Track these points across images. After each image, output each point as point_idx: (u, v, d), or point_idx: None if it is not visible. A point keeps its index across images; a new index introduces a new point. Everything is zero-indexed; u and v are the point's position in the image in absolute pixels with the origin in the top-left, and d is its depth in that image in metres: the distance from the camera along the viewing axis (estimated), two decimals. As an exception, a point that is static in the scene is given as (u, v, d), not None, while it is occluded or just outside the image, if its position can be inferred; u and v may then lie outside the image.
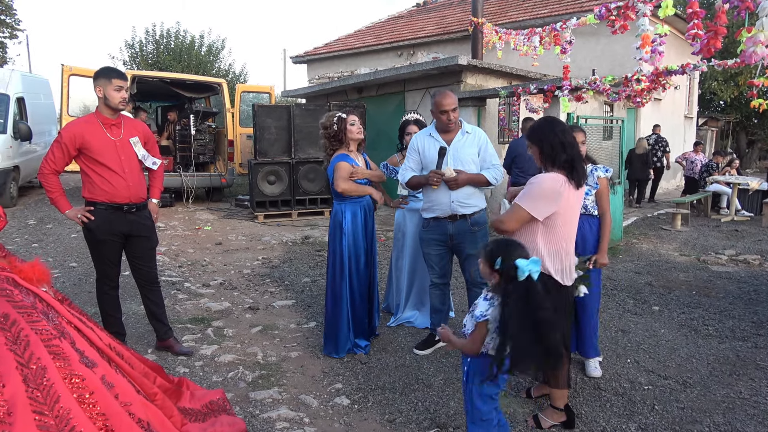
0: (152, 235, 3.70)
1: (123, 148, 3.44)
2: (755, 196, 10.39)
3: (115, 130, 3.44)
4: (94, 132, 3.35)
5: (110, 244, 3.49)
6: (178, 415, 2.43)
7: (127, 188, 3.44)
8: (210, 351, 3.81)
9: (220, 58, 21.45)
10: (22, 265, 2.23)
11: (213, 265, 6.26)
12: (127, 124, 3.54)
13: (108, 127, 3.41)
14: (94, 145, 3.33)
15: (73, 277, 5.56)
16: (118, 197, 3.42)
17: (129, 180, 3.44)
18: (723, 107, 22.75)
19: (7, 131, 9.49)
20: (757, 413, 3.03)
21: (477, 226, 3.59)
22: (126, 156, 3.44)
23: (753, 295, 5.28)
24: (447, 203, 3.58)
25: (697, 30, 4.41)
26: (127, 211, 3.48)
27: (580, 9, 12.34)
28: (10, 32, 22.75)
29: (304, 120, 9.22)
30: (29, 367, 1.83)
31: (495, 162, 3.69)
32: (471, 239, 3.59)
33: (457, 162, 3.57)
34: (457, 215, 3.59)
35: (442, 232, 3.67)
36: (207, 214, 9.63)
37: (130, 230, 3.52)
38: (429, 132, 3.68)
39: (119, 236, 3.51)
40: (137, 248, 3.62)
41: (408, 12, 19.81)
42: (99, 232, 3.43)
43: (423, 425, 2.90)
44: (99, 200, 3.40)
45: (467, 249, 3.63)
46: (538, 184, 2.60)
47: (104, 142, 3.37)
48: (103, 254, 3.52)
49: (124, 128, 3.49)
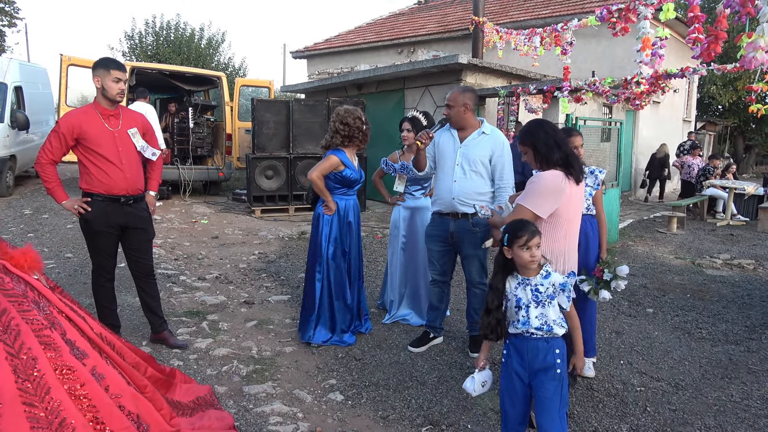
0: (149, 227, 3.68)
1: (121, 139, 3.41)
2: (751, 201, 10.43)
3: (113, 121, 3.42)
4: (92, 122, 3.34)
5: (107, 235, 3.47)
6: (168, 408, 2.41)
7: (125, 180, 3.42)
8: (204, 344, 3.81)
9: (219, 51, 21.39)
10: (14, 252, 2.16)
11: (209, 259, 6.26)
12: (126, 116, 3.52)
13: (106, 117, 3.39)
14: (91, 135, 3.31)
15: (68, 267, 5.55)
16: (116, 189, 3.40)
17: (126, 171, 3.42)
18: (721, 111, 22.81)
19: (4, 120, 9.45)
20: (748, 416, 3.05)
21: (478, 227, 3.58)
22: (124, 147, 3.42)
23: (747, 299, 5.30)
24: (448, 199, 3.59)
25: (698, 34, 4.42)
26: (124, 203, 3.46)
27: (582, 10, 12.34)
28: (8, 21, 22.62)
29: (303, 115, 9.20)
30: (19, 358, 1.80)
31: (508, 180, 3.53)
32: (471, 239, 3.58)
33: (464, 160, 3.56)
34: (459, 213, 3.60)
35: (443, 228, 3.68)
36: (204, 208, 9.61)
37: (126, 222, 3.51)
38: (448, 126, 3.69)
39: (116, 228, 3.49)
40: (134, 240, 3.60)
41: (409, 9, 19.79)
42: (96, 224, 3.41)
43: (416, 422, 2.90)
44: (96, 191, 3.38)
45: (466, 249, 3.64)
46: (539, 182, 2.61)
47: (102, 133, 3.35)
48: (100, 246, 3.50)
49: (123, 119, 3.47)
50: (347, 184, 3.86)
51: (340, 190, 3.87)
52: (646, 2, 5.48)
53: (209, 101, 12.19)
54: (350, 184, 3.86)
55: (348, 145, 3.86)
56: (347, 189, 3.89)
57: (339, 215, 3.84)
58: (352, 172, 3.84)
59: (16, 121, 9.58)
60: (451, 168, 3.60)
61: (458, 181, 3.57)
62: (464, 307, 3.96)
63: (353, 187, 3.92)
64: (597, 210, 3.54)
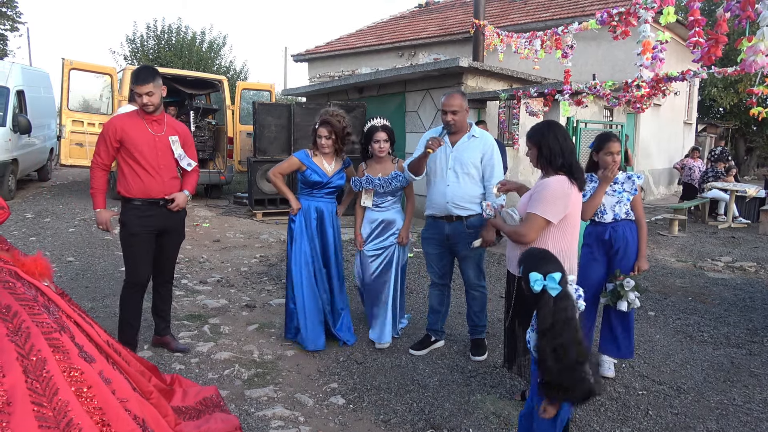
0: (182, 228, 3.74)
1: (161, 144, 3.47)
2: (752, 204, 10.42)
3: (156, 126, 3.48)
4: (136, 126, 3.41)
5: (144, 237, 3.47)
6: (173, 415, 2.45)
7: (162, 184, 3.47)
8: (206, 348, 3.81)
9: (221, 55, 21.41)
10: (25, 259, 2.26)
11: (210, 262, 6.26)
12: (170, 123, 3.59)
13: (150, 122, 3.46)
14: (134, 138, 3.37)
15: (70, 271, 5.56)
16: (153, 192, 3.44)
17: (164, 176, 3.47)
18: (722, 114, 22.79)
19: (6, 124, 9.47)
20: (750, 420, 3.05)
21: (472, 228, 3.61)
22: (162, 153, 3.47)
23: (748, 302, 5.30)
24: (442, 203, 3.64)
25: (698, 38, 4.42)
26: (162, 205, 3.50)
27: (582, 13, 12.35)
28: (11, 25, 22.72)
29: (304, 118, 9.21)
30: (29, 359, 1.84)
31: (498, 176, 3.61)
32: (466, 241, 3.60)
33: (456, 163, 3.60)
34: (453, 216, 3.62)
35: (438, 231, 3.72)
36: (205, 211, 9.62)
37: (164, 224, 3.53)
38: (439, 131, 3.70)
39: (153, 230, 3.51)
40: (167, 243, 3.64)
41: (410, 12, 19.81)
42: (133, 226, 3.44)
43: (418, 426, 2.90)
44: (134, 196, 3.43)
45: (462, 250, 3.67)
46: (547, 190, 2.64)
47: (144, 137, 3.41)
48: (137, 249, 3.48)
49: (167, 126, 3.53)
50: (309, 185, 3.87)
51: (305, 190, 3.92)
52: (647, 6, 5.49)
53: (210, 105, 12.22)
54: (312, 185, 3.86)
55: (312, 147, 3.90)
56: (311, 190, 3.89)
57: (303, 216, 3.86)
58: (314, 173, 3.82)
59: (18, 125, 9.60)
60: (444, 172, 3.64)
61: (451, 185, 3.62)
62: (465, 311, 3.96)
63: (318, 189, 3.87)
64: (637, 215, 3.51)
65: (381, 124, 3.95)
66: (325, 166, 3.86)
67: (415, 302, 5.00)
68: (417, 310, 4.72)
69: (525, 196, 2.93)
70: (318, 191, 3.88)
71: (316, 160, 3.86)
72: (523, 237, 2.69)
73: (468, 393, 3.26)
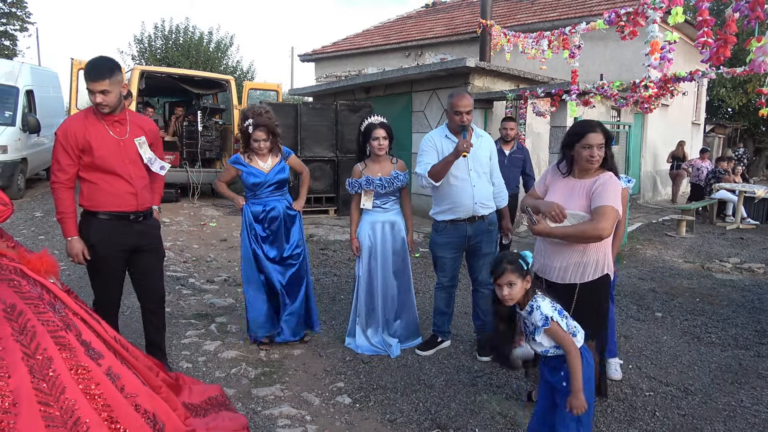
0: (160, 246, 3.26)
1: (127, 149, 2.95)
2: (761, 205, 10.35)
3: (119, 128, 2.94)
4: (95, 130, 2.87)
5: (114, 260, 2.99)
6: (182, 409, 2.46)
7: (134, 196, 2.97)
8: (213, 347, 3.83)
9: (228, 54, 21.52)
10: (30, 256, 2.25)
11: (217, 261, 6.29)
12: (133, 121, 3.04)
13: (110, 124, 2.91)
14: (94, 144, 2.84)
15: (79, 269, 5.59)
16: (124, 205, 2.95)
17: (136, 186, 2.98)
18: (731, 114, 22.64)
19: (16, 123, 9.57)
20: (758, 422, 3.03)
21: (492, 225, 3.72)
22: (130, 159, 2.97)
23: (757, 303, 5.26)
24: (470, 205, 3.61)
25: (707, 38, 4.41)
26: (134, 221, 3.01)
27: (590, 13, 12.30)
28: (20, 25, 22.90)
29: (311, 118, 9.24)
30: (35, 358, 1.84)
31: (500, 180, 3.84)
32: (488, 238, 3.70)
33: (475, 162, 3.61)
34: (476, 216, 3.64)
35: (459, 235, 3.69)
36: (212, 210, 9.66)
37: (138, 242, 3.04)
38: (444, 133, 3.68)
39: (125, 251, 3.02)
40: (144, 263, 3.13)
41: (417, 12, 19.81)
42: (101, 247, 2.91)
43: (424, 426, 2.91)
44: (101, 209, 2.92)
45: (485, 248, 3.72)
46: (614, 184, 2.70)
47: (107, 142, 2.88)
48: (105, 274, 3.00)
49: (130, 126, 3.00)
50: (250, 188, 3.77)
51: (249, 194, 3.81)
52: (655, 6, 5.47)
53: (218, 104, 12.26)
54: (252, 187, 3.76)
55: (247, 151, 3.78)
56: (254, 192, 3.78)
57: (245, 220, 3.80)
58: (250, 175, 3.74)
59: (27, 124, 9.70)
60: (466, 173, 3.60)
61: (477, 185, 3.62)
62: (470, 311, 3.96)
63: (260, 189, 3.76)
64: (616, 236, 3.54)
65: (379, 121, 3.83)
66: (260, 165, 3.77)
67: (420, 302, 5.00)
68: (422, 310, 4.72)
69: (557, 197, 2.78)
70: (261, 191, 3.77)
71: (251, 162, 3.77)
72: (604, 231, 2.61)
73: (474, 393, 3.26)
